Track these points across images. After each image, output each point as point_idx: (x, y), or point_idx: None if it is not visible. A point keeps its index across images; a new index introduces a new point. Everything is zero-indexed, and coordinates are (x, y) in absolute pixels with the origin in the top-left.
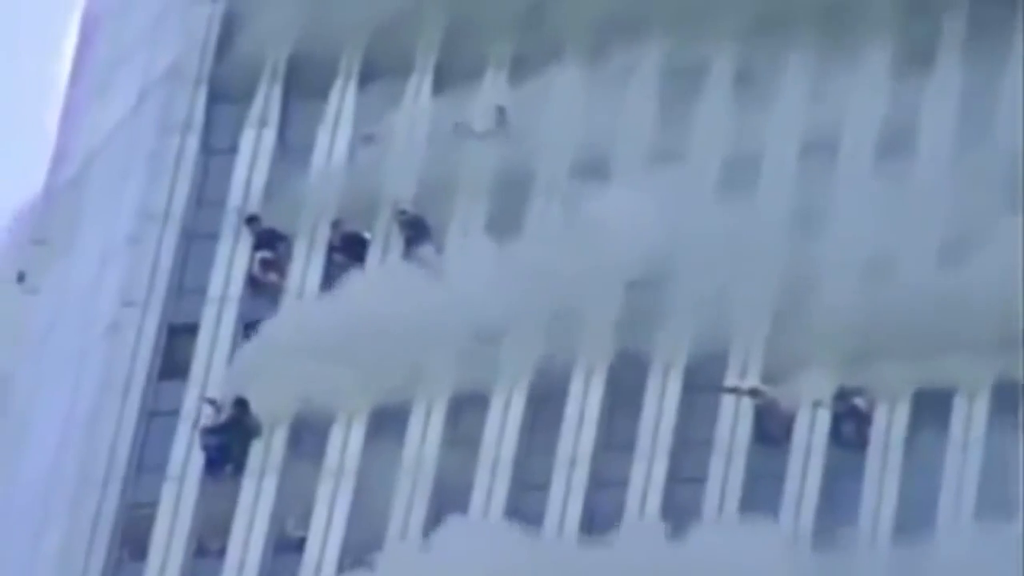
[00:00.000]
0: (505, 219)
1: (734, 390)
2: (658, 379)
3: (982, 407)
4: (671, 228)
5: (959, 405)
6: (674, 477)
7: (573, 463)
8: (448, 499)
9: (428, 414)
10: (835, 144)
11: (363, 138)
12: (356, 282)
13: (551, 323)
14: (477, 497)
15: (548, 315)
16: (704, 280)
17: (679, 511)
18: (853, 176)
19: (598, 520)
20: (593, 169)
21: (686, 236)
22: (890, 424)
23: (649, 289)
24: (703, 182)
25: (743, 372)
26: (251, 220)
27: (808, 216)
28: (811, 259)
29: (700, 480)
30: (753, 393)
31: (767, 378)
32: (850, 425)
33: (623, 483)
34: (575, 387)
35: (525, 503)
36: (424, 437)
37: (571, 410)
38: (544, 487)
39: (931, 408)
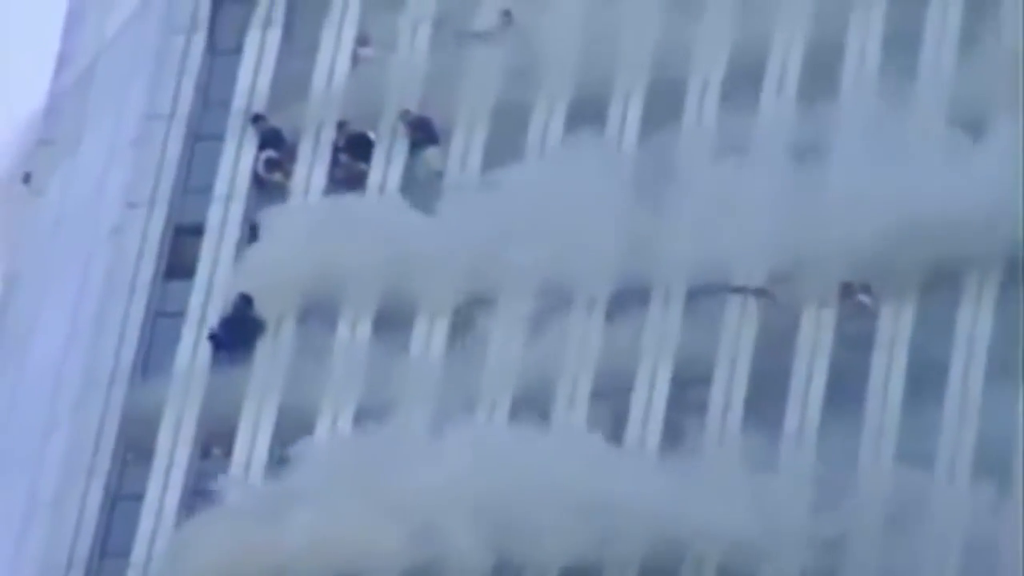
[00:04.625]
0: (509, 123)
1: (740, 290)
2: (662, 287)
3: (989, 304)
4: (673, 130)
5: (966, 303)
6: (680, 380)
7: (577, 373)
8: (452, 400)
9: (433, 315)
10: (840, 48)
11: (359, 42)
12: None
13: (552, 236)
14: (483, 400)
15: (549, 227)
16: (708, 182)
17: (685, 413)
18: (858, 74)
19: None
20: (597, 74)
21: (691, 137)
22: (897, 322)
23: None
24: (710, 85)
25: (749, 273)
26: (256, 119)
27: (813, 116)
28: (815, 159)
29: (706, 382)
30: (759, 293)
31: (773, 279)
32: (855, 324)
33: (628, 388)
34: (579, 300)
35: (530, 406)
36: (429, 338)
37: (575, 318)
38: (551, 392)
39: (937, 306)
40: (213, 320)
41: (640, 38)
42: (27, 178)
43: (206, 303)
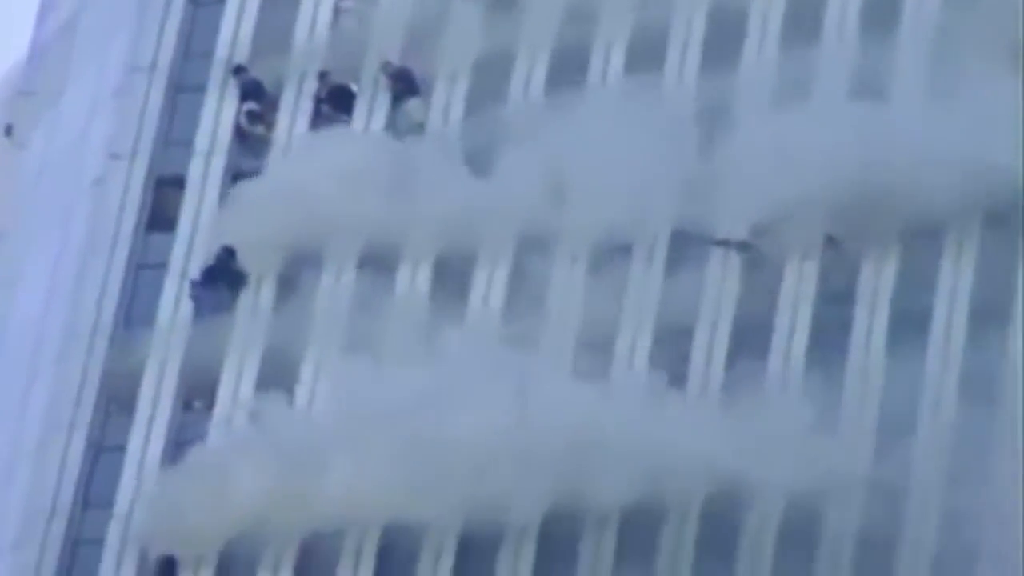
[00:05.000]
0: (491, 73)
1: (724, 243)
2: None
3: (971, 255)
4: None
5: (948, 253)
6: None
7: (562, 313)
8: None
9: (416, 265)
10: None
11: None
12: (344, 134)
13: (536, 189)
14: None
15: (536, 184)
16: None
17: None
18: (840, 30)
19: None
20: (579, 34)
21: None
22: (878, 273)
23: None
24: (690, 46)
25: (731, 225)
26: (238, 71)
27: (793, 75)
28: (798, 110)
29: (691, 332)
30: (742, 247)
31: (755, 231)
32: (838, 276)
33: (612, 340)
34: (560, 258)
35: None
36: (412, 286)
37: (558, 275)
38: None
39: (919, 257)
40: (195, 272)
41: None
42: (8, 130)
43: (188, 255)
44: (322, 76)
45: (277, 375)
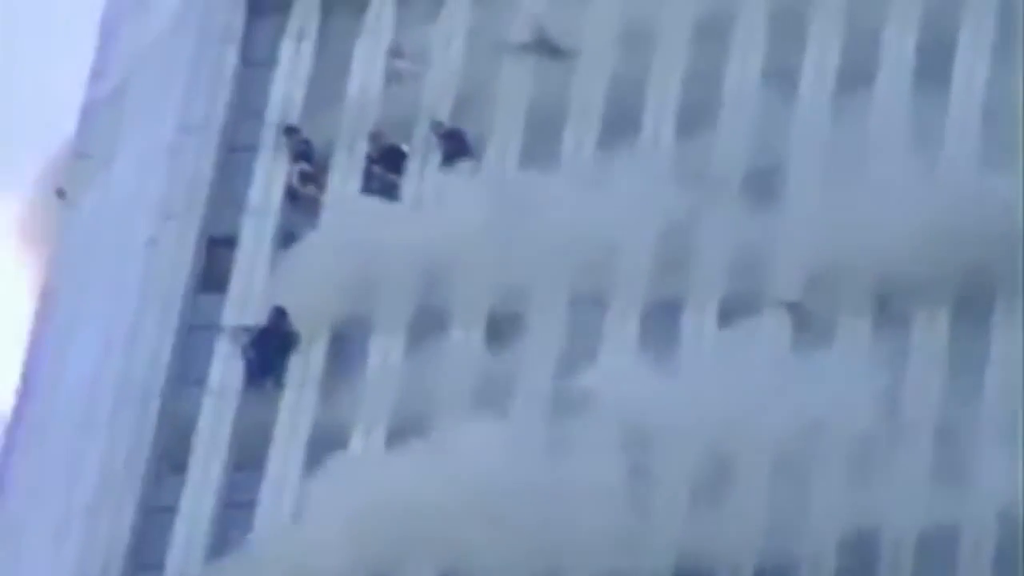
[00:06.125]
0: (543, 134)
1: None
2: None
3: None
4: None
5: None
6: None
7: None
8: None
9: (468, 326)
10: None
11: (392, 54)
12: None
13: (583, 250)
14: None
15: (583, 242)
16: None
17: None
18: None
19: None
20: (631, 91)
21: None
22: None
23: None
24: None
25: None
26: (289, 131)
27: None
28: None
29: None
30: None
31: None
32: None
33: None
34: (612, 315)
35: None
36: (466, 346)
37: (609, 327)
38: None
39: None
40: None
41: (671, 52)
42: (61, 193)
43: (240, 316)
44: (373, 137)
45: (328, 439)
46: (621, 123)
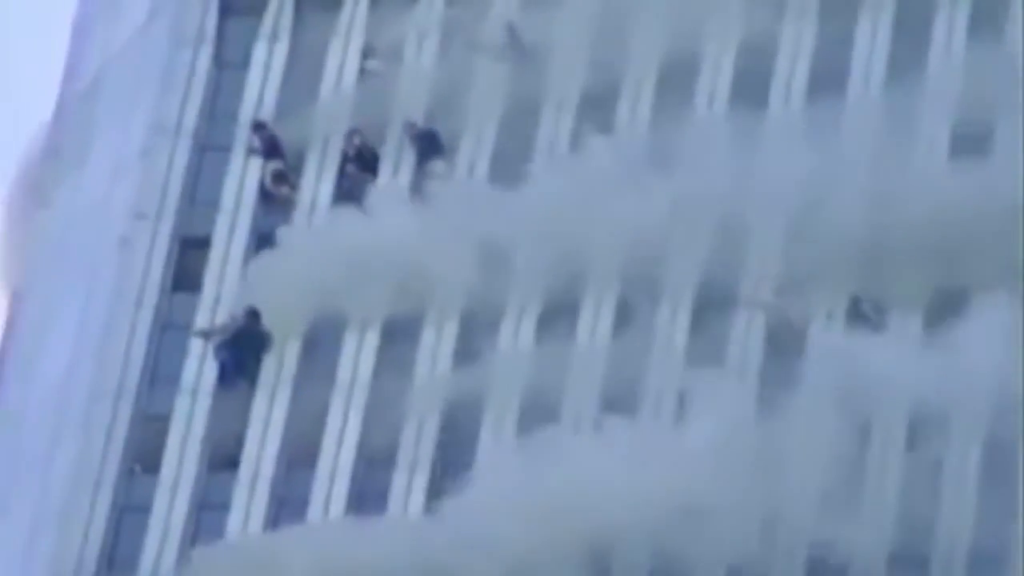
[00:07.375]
0: (515, 135)
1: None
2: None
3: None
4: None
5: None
6: None
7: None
8: (458, 414)
9: (440, 327)
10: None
11: (365, 54)
12: (371, 195)
13: (560, 242)
14: (488, 415)
15: (559, 236)
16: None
17: None
18: (862, 91)
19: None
20: (603, 89)
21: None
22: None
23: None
24: (717, 97)
25: (756, 286)
26: (258, 127)
27: (820, 128)
28: (822, 172)
29: None
30: (766, 307)
31: (781, 292)
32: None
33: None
34: (585, 312)
35: (537, 417)
36: (437, 350)
37: (582, 331)
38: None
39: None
40: None
41: (645, 57)
42: (35, 191)
43: (213, 316)
44: (347, 137)
45: (302, 438)
46: (594, 120)
